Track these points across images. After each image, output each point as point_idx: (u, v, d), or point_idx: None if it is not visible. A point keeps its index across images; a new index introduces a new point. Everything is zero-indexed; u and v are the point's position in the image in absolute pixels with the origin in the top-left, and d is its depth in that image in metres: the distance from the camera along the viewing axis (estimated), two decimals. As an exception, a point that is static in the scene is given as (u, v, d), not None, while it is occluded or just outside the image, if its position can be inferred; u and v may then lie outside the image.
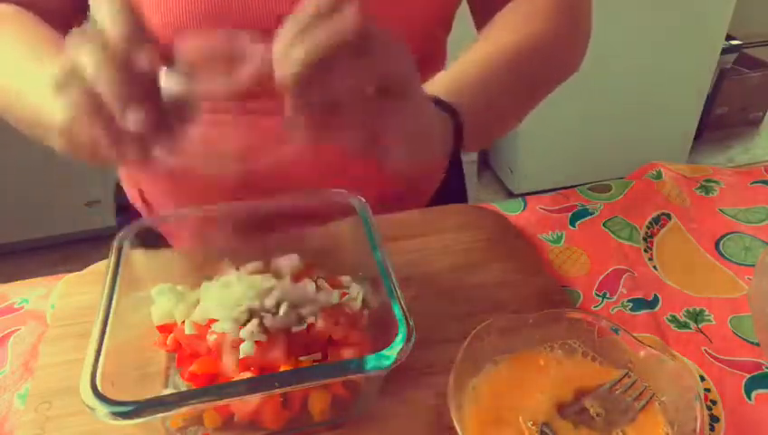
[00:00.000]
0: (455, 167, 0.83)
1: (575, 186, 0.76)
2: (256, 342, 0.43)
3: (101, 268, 0.44)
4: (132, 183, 0.69)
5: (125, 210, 0.72)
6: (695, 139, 2.35)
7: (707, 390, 0.49)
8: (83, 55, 0.34)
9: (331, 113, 0.35)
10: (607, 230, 0.67)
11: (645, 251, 0.64)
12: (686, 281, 0.60)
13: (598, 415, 0.42)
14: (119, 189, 0.74)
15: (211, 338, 0.43)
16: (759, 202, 0.70)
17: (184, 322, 0.46)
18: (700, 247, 0.65)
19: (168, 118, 0.36)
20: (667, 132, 2.27)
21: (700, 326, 0.55)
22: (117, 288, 0.44)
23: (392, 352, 0.39)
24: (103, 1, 0.34)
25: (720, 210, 0.66)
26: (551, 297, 0.57)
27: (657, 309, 0.57)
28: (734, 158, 2.54)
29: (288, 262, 0.51)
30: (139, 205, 0.69)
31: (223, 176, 0.56)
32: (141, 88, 0.34)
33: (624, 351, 0.45)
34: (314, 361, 0.45)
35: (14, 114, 0.52)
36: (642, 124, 2.19)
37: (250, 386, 0.38)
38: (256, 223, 0.52)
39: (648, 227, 0.67)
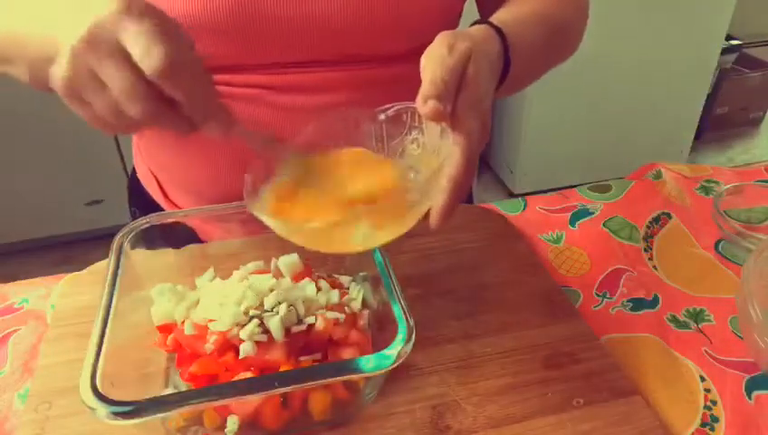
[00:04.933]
0: None
1: (575, 186, 0.76)
2: (256, 342, 0.43)
3: (101, 268, 0.44)
4: (146, 168, 0.69)
5: (140, 201, 0.72)
6: (695, 139, 2.35)
7: (707, 390, 0.49)
8: (110, 73, 0.35)
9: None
10: (607, 230, 0.67)
11: (645, 251, 0.64)
12: (686, 281, 0.60)
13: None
14: (133, 179, 0.74)
15: (211, 338, 0.43)
16: (759, 202, 0.70)
17: (184, 322, 0.46)
18: (700, 247, 0.65)
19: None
20: (667, 132, 2.27)
21: (700, 326, 0.55)
22: (117, 288, 0.44)
23: (392, 352, 0.38)
24: (134, 35, 0.35)
25: (720, 210, 0.66)
26: (550, 297, 0.57)
27: (657, 309, 0.57)
28: (734, 158, 2.54)
29: (288, 262, 0.51)
30: (155, 192, 0.69)
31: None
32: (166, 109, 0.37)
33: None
34: (314, 361, 0.45)
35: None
36: (642, 124, 2.19)
37: (250, 386, 0.38)
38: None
39: (648, 227, 0.67)
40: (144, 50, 0.35)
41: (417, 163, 0.45)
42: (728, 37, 2.25)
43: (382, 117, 0.46)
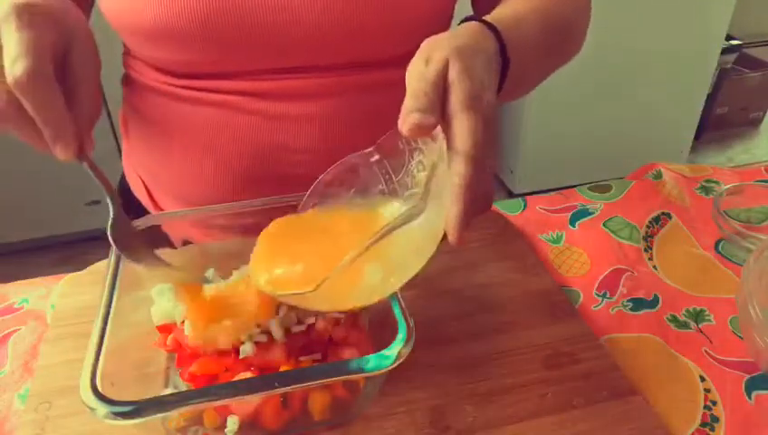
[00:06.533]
0: None
1: (575, 186, 0.76)
2: (256, 342, 0.43)
3: (101, 268, 0.44)
4: (135, 174, 0.69)
5: (129, 206, 0.72)
6: (695, 139, 2.35)
7: (707, 390, 0.49)
8: None
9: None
10: (607, 230, 0.67)
11: (645, 251, 0.64)
12: (686, 281, 0.60)
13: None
14: (122, 184, 0.74)
15: (211, 338, 0.43)
16: (759, 202, 0.70)
17: (184, 322, 0.46)
18: (700, 247, 0.65)
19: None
20: (667, 132, 2.27)
21: (700, 326, 0.55)
22: (117, 288, 0.44)
23: (392, 352, 0.38)
24: (9, 41, 0.38)
25: (720, 210, 0.66)
26: (550, 297, 0.57)
27: (657, 309, 0.57)
28: (734, 158, 2.54)
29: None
30: (142, 197, 0.69)
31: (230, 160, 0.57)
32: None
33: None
34: (314, 361, 0.45)
35: None
36: (642, 124, 2.19)
37: (250, 386, 0.38)
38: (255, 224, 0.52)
39: (648, 227, 0.67)
40: (11, 59, 0.38)
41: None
42: (728, 37, 2.25)
43: (375, 157, 0.43)
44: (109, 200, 0.45)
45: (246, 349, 0.42)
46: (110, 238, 0.44)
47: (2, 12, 0.39)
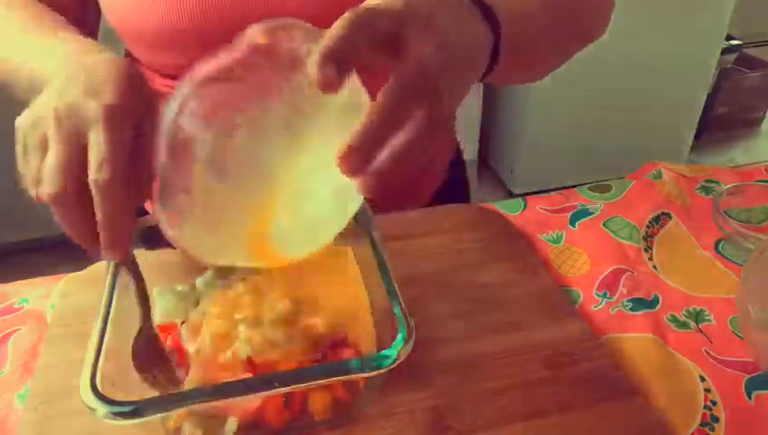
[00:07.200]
0: (457, 165, 0.83)
1: (575, 186, 0.76)
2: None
3: (101, 268, 0.44)
4: None
5: None
6: (695, 139, 2.35)
7: (707, 390, 0.49)
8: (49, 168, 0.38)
9: None
10: (607, 230, 0.67)
11: (645, 251, 0.64)
12: (686, 281, 0.60)
13: None
14: None
15: (211, 338, 0.43)
16: (759, 202, 0.70)
17: (184, 322, 0.46)
18: (700, 247, 0.65)
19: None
20: (667, 132, 2.27)
21: (700, 326, 0.55)
22: (117, 288, 0.44)
23: (392, 352, 0.38)
24: (103, 143, 0.37)
25: (720, 210, 0.66)
26: (550, 297, 0.57)
27: (657, 309, 0.57)
28: (735, 158, 2.54)
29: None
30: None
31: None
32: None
33: None
34: (314, 361, 0.45)
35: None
36: (642, 124, 2.19)
37: (250, 386, 0.38)
38: None
39: (648, 227, 0.67)
40: (98, 160, 0.37)
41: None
42: (728, 37, 2.25)
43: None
44: (140, 312, 0.44)
45: (245, 349, 0.42)
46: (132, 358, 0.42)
47: (101, 99, 0.38)
